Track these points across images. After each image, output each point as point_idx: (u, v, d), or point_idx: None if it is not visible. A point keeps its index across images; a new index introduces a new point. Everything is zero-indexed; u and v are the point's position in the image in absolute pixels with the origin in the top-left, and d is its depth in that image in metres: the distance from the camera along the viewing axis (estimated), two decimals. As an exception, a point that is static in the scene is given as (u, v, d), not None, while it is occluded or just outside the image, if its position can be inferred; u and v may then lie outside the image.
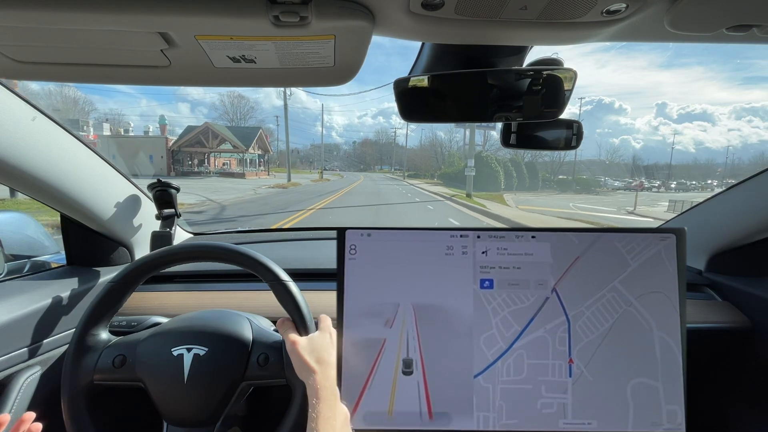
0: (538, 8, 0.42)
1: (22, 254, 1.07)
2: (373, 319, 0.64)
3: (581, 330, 0.60)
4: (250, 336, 0.68)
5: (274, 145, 65.79)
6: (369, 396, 0.62)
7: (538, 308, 0.61)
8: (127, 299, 0.69)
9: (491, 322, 0.61)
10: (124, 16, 0.40)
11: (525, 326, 0.60)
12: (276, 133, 66.27)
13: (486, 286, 0.62)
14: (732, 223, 0.94)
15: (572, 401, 0.59)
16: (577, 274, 0.61)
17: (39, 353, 0.77)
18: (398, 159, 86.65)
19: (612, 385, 0.59)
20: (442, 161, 65.32)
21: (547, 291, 0.61)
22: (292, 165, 61.31)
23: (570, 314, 0.60)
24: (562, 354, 0.60)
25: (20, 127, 0.68)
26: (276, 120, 69.60)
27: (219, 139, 33.70)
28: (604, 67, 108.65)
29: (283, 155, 68.06)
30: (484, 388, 0.60)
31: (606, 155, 61.87)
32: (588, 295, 0.61)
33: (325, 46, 0.47)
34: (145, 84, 0.59)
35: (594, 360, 0.60)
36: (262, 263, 0.67)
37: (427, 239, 0.64)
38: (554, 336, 0.60)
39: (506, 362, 0.60)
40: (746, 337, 0.89)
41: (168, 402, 0.63)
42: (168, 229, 1.03)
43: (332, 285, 0.66)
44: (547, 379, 0.60)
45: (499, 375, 0.60)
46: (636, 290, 0.61)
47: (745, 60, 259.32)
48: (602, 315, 0.60)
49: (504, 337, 0.60)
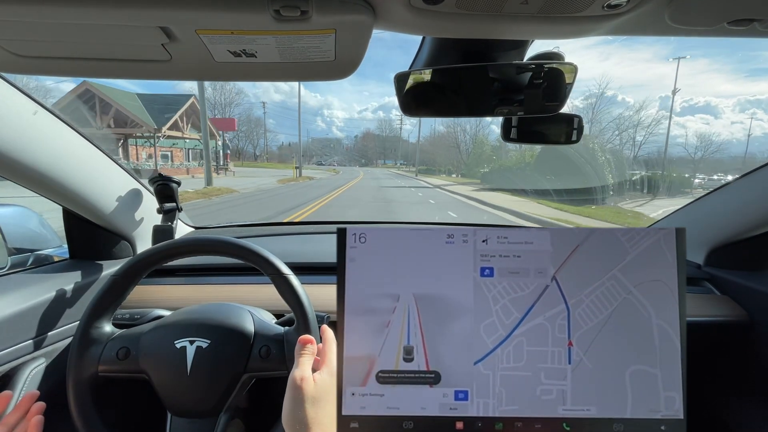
0: (540, 2, 0.42)
1: (26, 248, 1.07)
2: (375, 309, 0.65)
3: (580, 317, 0.61)
4: (252, 329, 0.68)
5: (265, 138, 62.49)
6: (374, 384, 0.63)
7: (537, 296, 0.62)
8: (130, 292, 0.69)
9: (491, 309, 0.62)
10: (125, 11, 0.40)
11: (525, 314, 0.61)
12: (266, 123, 62.83)
13: (486, 274, 0.62)
14: (731, 217, 0.95)
15: (571, 388, 0.60)
16: (577, 262, 0.62)
17: (43, 345, 0.78)
18: (405, 152, 79.76)
19: (611, 372, 0.60)
20: (465, 152, 49.56)
21: (547, 279, 0.62)
22: (283, 159, 57.34)
23: (570, 302, 0.61)
24: (562, 341, 0.61)
25: (22, 121, 0.69)
26: (263, 107, 65.61)
27: (112, 111, 19.60)
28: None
29: (273, 150, 65.96)
30: (484, 375, 0.61)
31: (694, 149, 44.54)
32: (587, 283, 0.61)
33: (325, 41, 0.47)
34: (145, 78, 0.59)
35: (593, 347, 0.60)
36: (263, 257, 0.68)
37: (427, 232, 0.65)
38: (554, 323, 0.61)
39: (506, 349, 0.61)
40: (744, 330, 0.90)
41: (171, 393, 0.64)
42: (169, 222, 1.04)
43: (333, 279, 0.67)
44: (546, 366, 0.60)
45: (499, 362, 0.61)
46: (635, 278, 0.61)
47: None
48: (601, 303, 0.61)
49: (504, 325, 0.61)
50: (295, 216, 9.59)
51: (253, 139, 65.10)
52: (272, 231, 1.35)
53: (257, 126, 67.11)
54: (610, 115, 38.98)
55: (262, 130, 67.05)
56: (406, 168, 62.25)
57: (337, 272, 0.65)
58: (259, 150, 67.10)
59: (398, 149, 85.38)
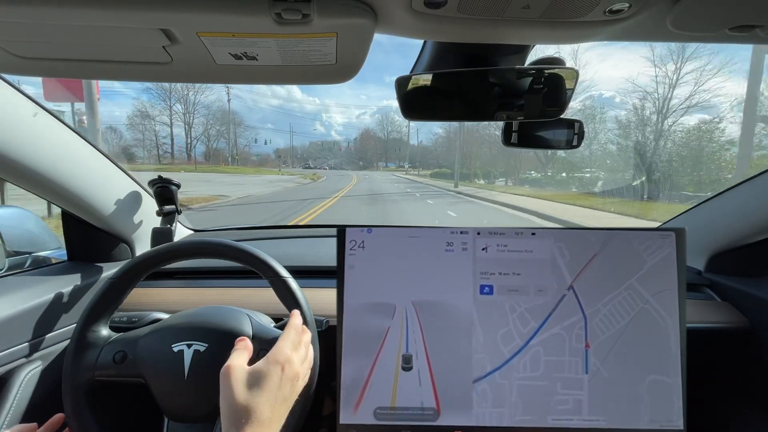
0: (541, 7, 0.42)
1: (23, 250, 1.07)
2: (374, 315, 0.64)
3: (597, 327, 0.60)
4: (250, 331, 0.68)
5: (234, 134, 49.07)
6: (371, 392, 0.62)
7: (554, 305, 0.61)
8: (128, 295, 0.69)
9: (508, 318, 0.61)
10: (127, 13, 0.40)
11: (542, 323, 0.61)
12: (234, 118, 50.94)
13: (486, 292, 0.62)
14: (732, 223, 0.94)
15: (588, 398, 0.60)
16: (595, 271, 0.61)
17: (40, 348, 0.77)
18: (411, 153, 68.83)
19: (628, 382, 0.60)
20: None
21: (563, 288, 0.61)
22: (262, 162, 44.63)
23: (587, 311, 0.61)
24: (579, 351, 0.60)
25: (22, 123, 0.68)
26: (227, 94, 52.41)
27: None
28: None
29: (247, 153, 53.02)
30: (500, 385, 0.60)
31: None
32: (605, 292, 0.61)
33: (327, 44, 0.47)
34: (146, 80, 0.59)
35: (610, 357, 0.60)
36: (261, 260, 0.67)
37: (427, 236, 0.64)
38: (571, 333, 0.60)
39: (523, 359, 0.60)
40: (745, 337, 0.89)
41: (169, 398, 0.64)
42: (169, 225, 1.03)
43: (333, 282, 0.67)
44: (563, 375, 0.60)
45: (515, 371, 0.60)
46: (652, 287, 0.61)
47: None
48: (618, 313, 0.60)
49: (521, 334, 0.61)
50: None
51: (229, 139, 55.52)
52: (272, 234, 1.35)
53: (238, 124, 57.90)
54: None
55: (243, 129, 57.15)
56: (415, 172, 45.62)
57: (337, 275, 0.65)
58: (247, 151, 59.13)
59: (404, 149, 74.45)
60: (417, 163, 55.26)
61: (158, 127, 43.80)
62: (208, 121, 51.59)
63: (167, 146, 48.84)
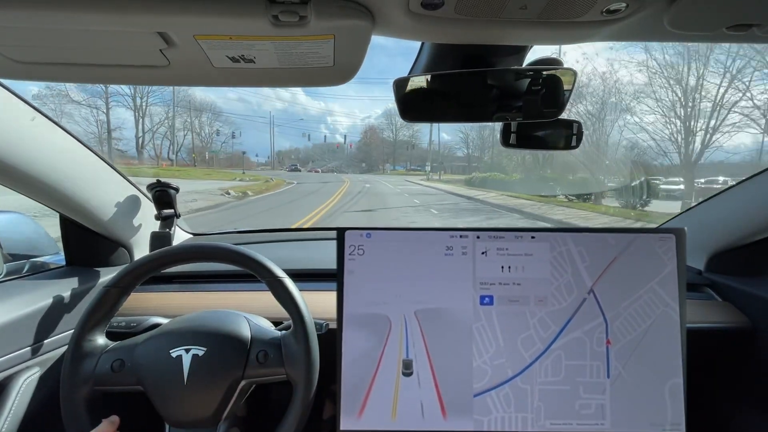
0: (538, 7, 0.42)
1: (22, 255, 1.07)
2: (374, 322, 0.64)
3: (618, 331, 0.60)
4: (249, 334, 0.67)
5: (193, 129, 34.37)
6: (372, 398, 0.62)
7: (575, 309, 0.61)
8: (126, 300, 0.68)
9: (528, 323, 0.61)
10: (124, 17, 0.40)
11: (563, 327, 0.60)
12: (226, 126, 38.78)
13: (486, 302, 0.62)
14: (732, 222, 0.94)
15: (611, 402, 0.59)
16: (615, 275, 0.61)
17: (38, 354, 0.77)
18: (421, 153, 58.60)
19: (650, 386, 0.60)
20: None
21: (584, 292, 0.61)
22: (233, 163, 35.29)
23: (608, 315, 0.60)
24: (600, 355, 0.60)
25: (20, 128, 0.68)
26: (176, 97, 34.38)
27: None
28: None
29: (234, 156, 39.66)
30: (522, 390, 0.60)
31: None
32: (626, 296, 0.60)
33: (324, 46, 0.47)
34: (144, 84, 0.59)
35: (632, 360, 0.60)
36: (258, 261, 0.67)
37: (427, 239, 0.64)
38: (592, 337, 0.60)
39: (544, 363, 0.60)
40: (746, 337, 0.89)
41: (168, 404, 0.63)
42: (167, 229, 1.03)
43: (333, 285, 0.66)
44: (585, 380, 0.60)
45: (537, 376, 0.60)
46: (672, 291, 0.61)
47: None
48: (639, 316, 0.60)
49: (542, 338, 0.61)
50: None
51: (203, 136, 40.58)
52: (271, 238, 1.35)
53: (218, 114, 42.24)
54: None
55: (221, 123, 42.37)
56: (435, 176, 35.43)
57: (337, 280, 0.64)
58: (225, 150, 42.91)
59: (416, 148, 62.35)
60: (441, 163, 42.67)
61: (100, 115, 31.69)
62: (169, 110, 35.91)
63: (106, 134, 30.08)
